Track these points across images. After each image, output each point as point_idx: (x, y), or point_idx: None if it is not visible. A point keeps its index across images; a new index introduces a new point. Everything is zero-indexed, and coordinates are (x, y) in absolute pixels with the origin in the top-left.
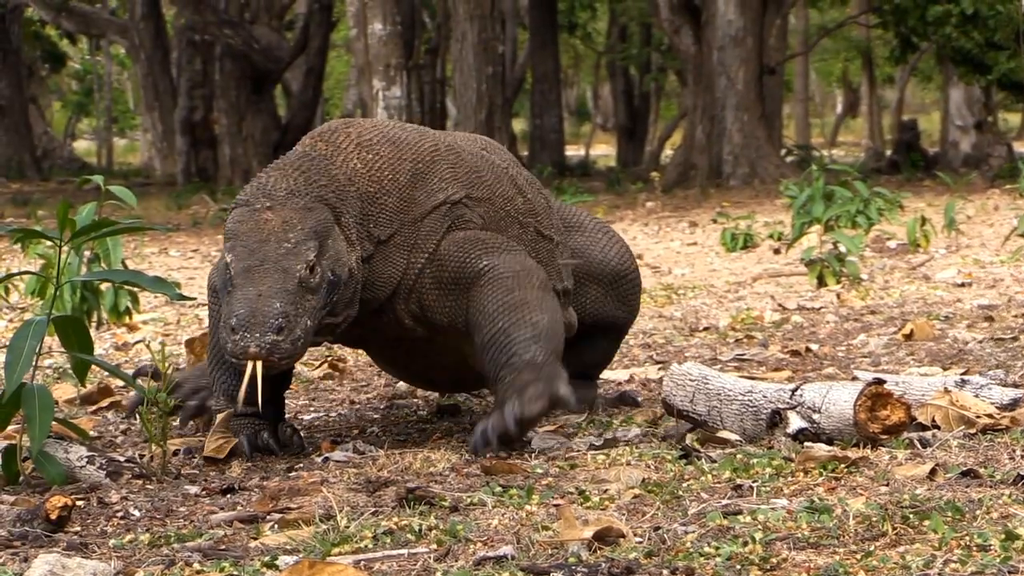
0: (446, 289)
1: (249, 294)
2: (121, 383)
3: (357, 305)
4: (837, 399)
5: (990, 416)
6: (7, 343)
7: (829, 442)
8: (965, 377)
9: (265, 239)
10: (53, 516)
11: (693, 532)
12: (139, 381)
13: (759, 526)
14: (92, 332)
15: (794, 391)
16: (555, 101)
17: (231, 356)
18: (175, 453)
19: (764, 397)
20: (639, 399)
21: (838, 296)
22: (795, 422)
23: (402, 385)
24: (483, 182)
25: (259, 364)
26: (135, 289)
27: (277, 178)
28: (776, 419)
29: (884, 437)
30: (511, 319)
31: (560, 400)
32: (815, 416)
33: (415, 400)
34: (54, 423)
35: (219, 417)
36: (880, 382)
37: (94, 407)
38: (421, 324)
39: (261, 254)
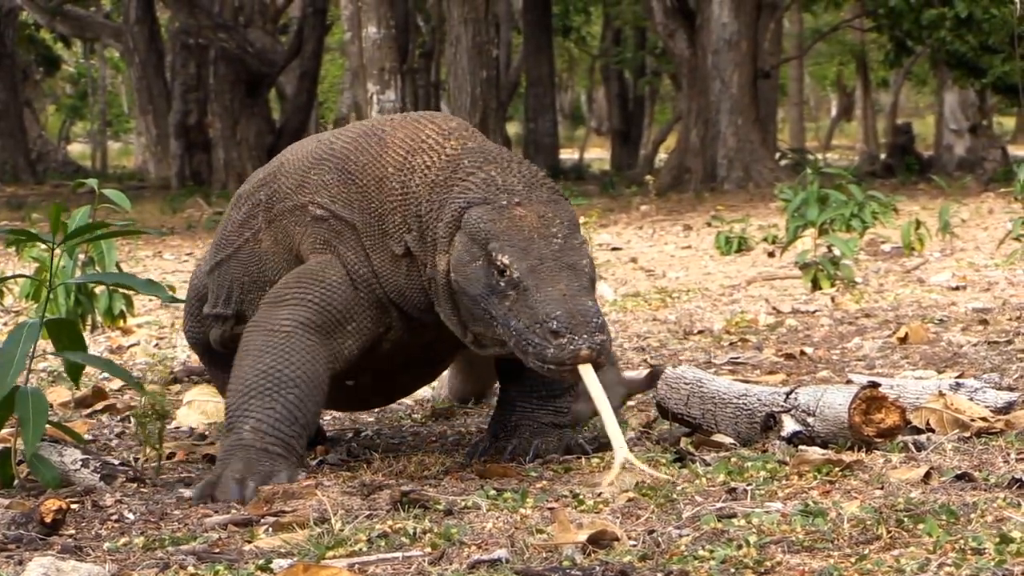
0: None
1: (552, 295)
2: (116, 386)
3: None
4: (832, 402)
5: (984, 419)
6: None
7: (823, 445)
8: (960, 380)
9: (528, 236)
10: (48, 519)
11: (687, 535)
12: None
13: (753, 529)
14: (86, 335)
15: (788, 394)
16: (549, 105)
17: (554, 362)
18: (169, 456)
19: (758, 400)
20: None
21: (832, 299)
22: (789, 425)
23: None
24: None
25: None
26: (129, 292)
27: (501, 172)
28: (770, 422)
29: (879, 440)
30: None
31: (574, 451)
32: (809, 419)
33: (409, 404)
34: (48, 426)
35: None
36: (875, 385)
37: (88, 410)
38: None
39: (534, 252)
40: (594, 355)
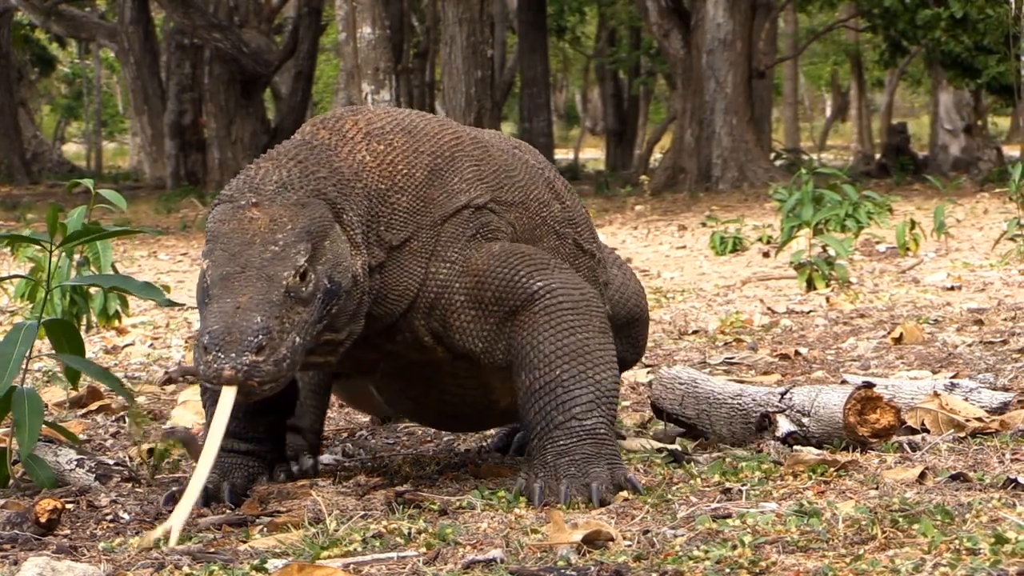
0: (485, 310)
1: (226, 307)
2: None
3: (363, 320)
4: (826, 402)
5: (979, 420)
6: None
7: (818, 446)
8: (954, 380)
9: (249, 241)
10: (43, 519)
11: (682, 535)
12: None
13: (748, 530)
14: (82, 335)
15: (783, 394)
16: (544, 105)
17: (204, 380)
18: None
19: (753, 400)
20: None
21: (827, 300)
22: (784, 425)
23: None
24: (514, 183)
25: (234, 390)
26: (125, 293)
27: (268, 169)
28: (765, 422)
29: (873, 441)
30: (572, 369)
31: (625, 488)
32: (804, 420)
33: None
34: (44, 426)
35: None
36: (869, 385)
37: (83, 410)
38: (444, 345)
39: (243, 259)
40: (239, 376)
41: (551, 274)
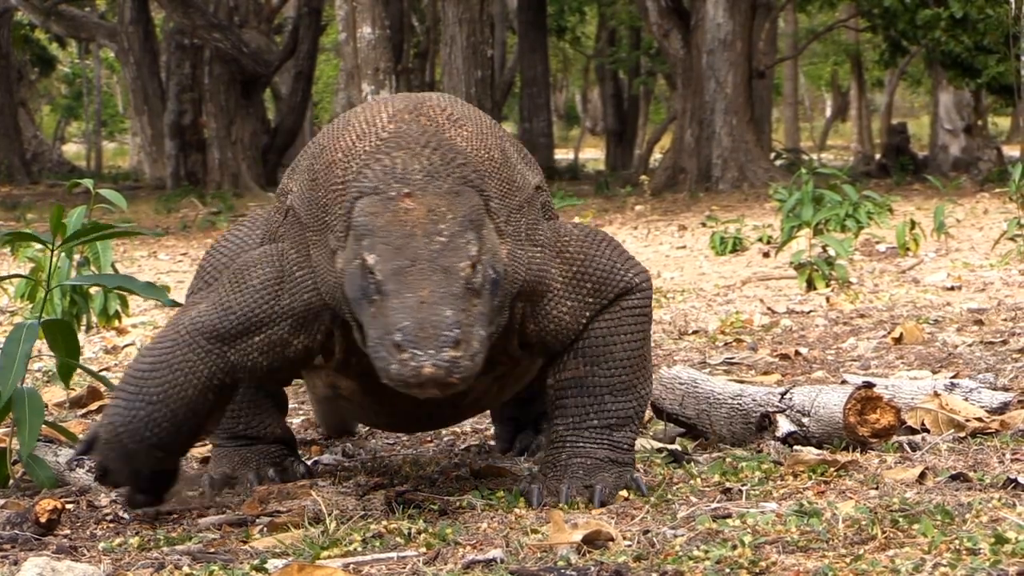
0: (582, 301)
1: (408, 302)
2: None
3: (507, 312)
4: (826, 402)
5: (979, 420)
6: None
7: (818, 446)
8: (954, 381)
9: (410, 233)
10: (43, 519)
11: (682, 536)
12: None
13: (748, 530)
14: (81, 336)
15: (783, 394)
16: (544, 105)
17: (398, 380)
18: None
19: (753, 401)
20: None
21: (827, 300)
22: (784, 426)
23: None
24: (533, 163)
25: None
26: (125, 293)
27: (405, 159)
28: (765, 423)
29: (873, 441)
30: (628, 380)
31: (629, 488)
32: (804, 420)
33: None
34: (44, 426)
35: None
36: (869, 385)
37: (83, 410)
38: (522, 330)
39: (410, 251)
40: (441, 374)
41: (638, 266)
